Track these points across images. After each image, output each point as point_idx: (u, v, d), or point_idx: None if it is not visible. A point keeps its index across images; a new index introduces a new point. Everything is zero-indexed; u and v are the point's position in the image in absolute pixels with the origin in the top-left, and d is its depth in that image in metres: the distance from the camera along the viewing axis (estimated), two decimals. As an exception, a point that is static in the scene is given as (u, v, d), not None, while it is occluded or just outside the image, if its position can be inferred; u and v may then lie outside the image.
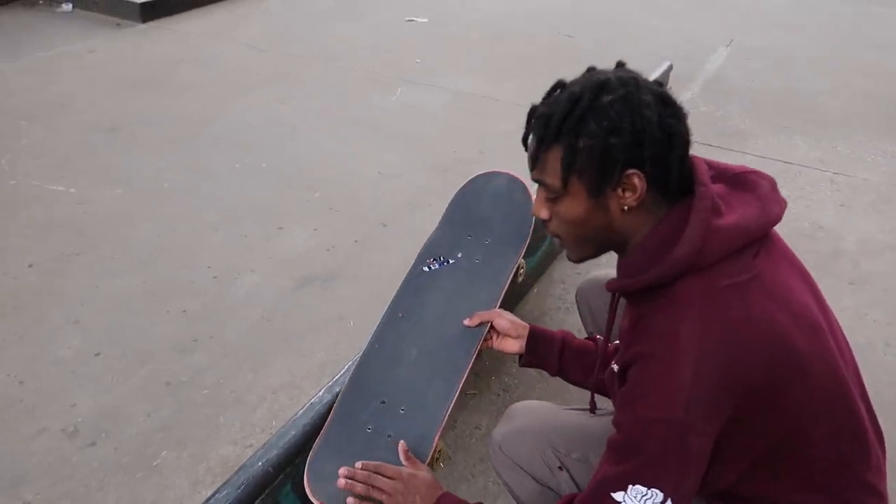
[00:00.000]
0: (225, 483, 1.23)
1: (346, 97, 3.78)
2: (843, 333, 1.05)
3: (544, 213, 1.00)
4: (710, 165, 1.00)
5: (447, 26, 5.05)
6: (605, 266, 1.30)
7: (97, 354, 1.97)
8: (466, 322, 1.44)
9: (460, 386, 1.36)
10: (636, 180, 0.91)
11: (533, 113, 0.98)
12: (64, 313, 2.12)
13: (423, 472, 1.18)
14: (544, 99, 0.99)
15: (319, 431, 1.33)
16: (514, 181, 1.72)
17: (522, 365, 1.43)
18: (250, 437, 1.72)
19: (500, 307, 1.49)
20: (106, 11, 4.92)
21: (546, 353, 1.36)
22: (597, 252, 1.03)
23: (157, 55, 4.28)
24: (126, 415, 1.78)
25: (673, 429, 0.85)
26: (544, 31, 5.00)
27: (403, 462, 1.22)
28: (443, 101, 3.77)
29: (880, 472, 1.05)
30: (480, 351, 1.43)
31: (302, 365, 1.96)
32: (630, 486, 0.86)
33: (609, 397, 1.25)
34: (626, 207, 0.94)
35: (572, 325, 2.10)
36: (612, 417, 0.96)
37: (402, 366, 1.42)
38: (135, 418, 1.77)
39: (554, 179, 0.94)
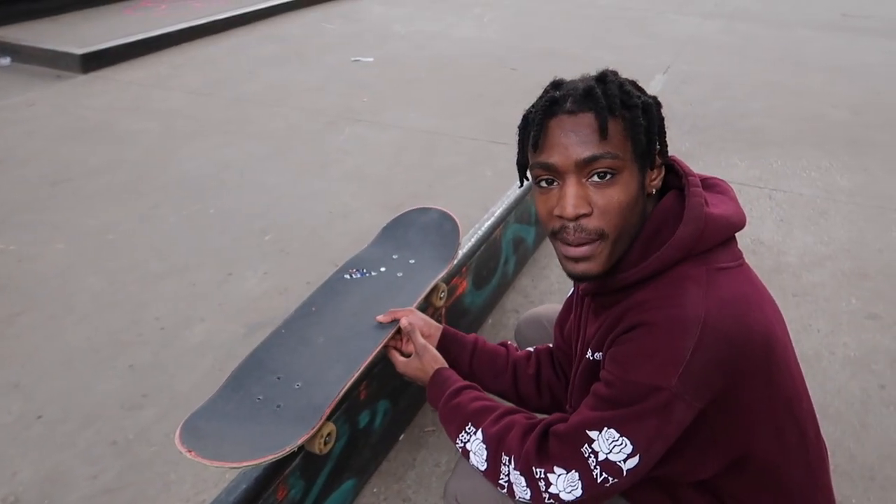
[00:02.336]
0: (173, 544, 1.18)
1: (293, 139, 3.78)
2: None
3: (584, 207, 0.90)
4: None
5: (393, 65, 5.12)
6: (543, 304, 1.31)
7: (39, 417, 1.89)
8: (380, 318, 1.43)
9: (361, 368, 1.34)
10: (659, 159, 0.96)
11: (568, 93, 0.92)
12: (3, 376, 2.04)
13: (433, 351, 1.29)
14: (549, 90, 0.96)
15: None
16: (445, 215, 1.82)
17: None
18: (203, 492, 1.66)
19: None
20: (45, 63, 4.85)
21: (458, 354, 1.36)
22: (622, 249, 0.95)
23: (100, 105, 4.22)
24: (70, 479, 1.71)
25: (662, 395, 0.85)
26: (490, 66, 5.10)
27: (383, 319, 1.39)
28: (391, 139, 3.80)
29: (829, 476, 1.08)
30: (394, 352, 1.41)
31: (256, 413, 1.91)
32: (605, 429, 0.89)
33: (518, 403, 1.27)
34: (653, 190, 0.97)
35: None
36: None
37: (306, 348, 1.42)
38: (80, 482, 1.70)
39: (622, 150, 0.90)
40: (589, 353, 1.03)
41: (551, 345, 1.36)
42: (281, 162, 3.49)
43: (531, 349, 1.39)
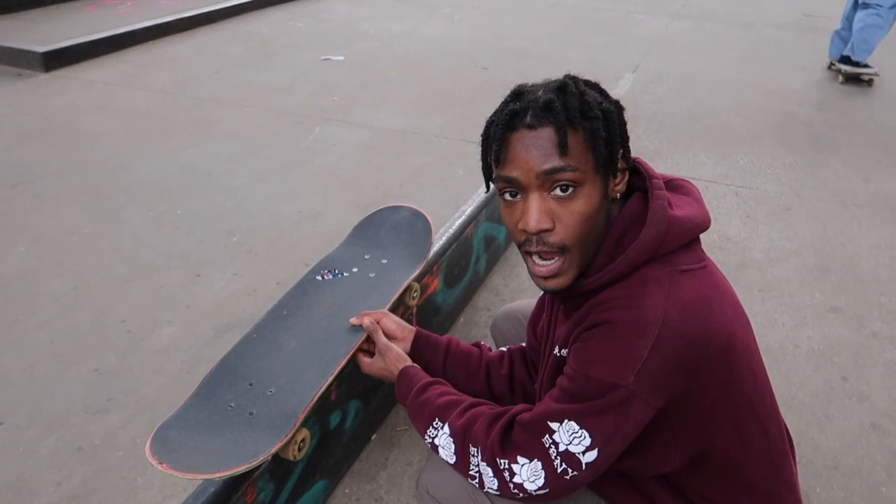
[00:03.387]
0: (139, 551, 1.16)
1: (261, 139, 3.74)
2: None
3: (546, 222, 0.91)
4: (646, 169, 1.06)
5: (364, 64, 5.10)
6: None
7: (1, 424, 1.84)
8: (352, 320, 1.42)
9: (335, 373, 1.33)
10: (622, 164, 0.96)
11: (528, 105, 0.92)
12: (-38, 383, 1.98)
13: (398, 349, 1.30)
14: (509, 101, 0.96)
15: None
16: (416, 213, 1.80)
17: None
18: (171, 497, 1.63)
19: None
20: (5, 62, 4.73)
21: (430, 355, 1.36)
22: (588, 258, 0.97)
23: (63, 105, 4.13)
24: (34, 487, 1.66)
25: (619, 393, 0.87)
26: (461, 66, 5.10)
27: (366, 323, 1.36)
28: (362, 138, 3.78)
29: (794, 472, 1.10)
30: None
31: (225, 416, 1.89)
32: (566, 421, 0.91)
33: (495, 401, 1.26)
34: (617, 195, 0.97)
35: (499, 352, 2.11)
36: None
37: (278, 354, 1.40)
38: (43, 490, 1.66)
39: (583, 163, 0.90)
40: (556, 350, 1.03)
41: (524, 344, 1.37)
42: (249, 163, 3.45)
43: (504, 349, 1.39)
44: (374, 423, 1.83)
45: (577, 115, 0.91)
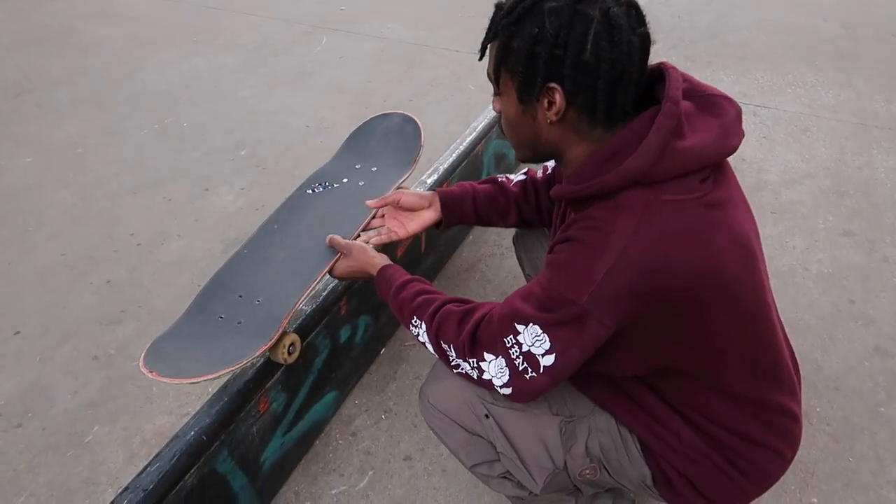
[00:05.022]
0: (157, 455, 1.19)
1: (267, 49, 3.63)
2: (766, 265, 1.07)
3: (496, 106, 1.02)
4: (686, 80, 0.98)
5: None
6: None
7: (17, 333, 1.88)
8: (369, 203, 1.43)
9: (318, 277, 1.35)
10: (557, 96, 0.90)
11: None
12: (-23, 292, 2.01)
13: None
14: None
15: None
16: (407, 119, 1.77)
17: (443, 229, 1.45)
18: (186, 405, 1.68)
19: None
20: (-1, -36, 4.54)
21: (461, 209, 1.41)
22: (534, 157, 1.04)
23: (60, 11, 4.00)
24: (52, 393, 1.72)
25: (574, 308, 0.90)
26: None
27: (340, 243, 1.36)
28: (371, 50, 3.66)
29: (795, 395, 1.10)
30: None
31: (236, 329, 1.92)
32: (531, 325, 0.94)
33: (528, 228, 1.41)
34: (549, 121, 0.94)
35: (509, 270, 2.12)
36: None
37: (267, 266, 1.42)
38: (62, 396, 1.71)
39: (490, 73, 0.98)
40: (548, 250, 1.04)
41: (539, 173, 1.43)
42: (254, 74, 3.36)
43: (523, 177, 1.44)
44: (383, 337, 1.86)
45: (496, 29, 0.94)
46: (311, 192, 1.60)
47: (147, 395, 1.72)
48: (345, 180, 1.62)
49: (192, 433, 1.22)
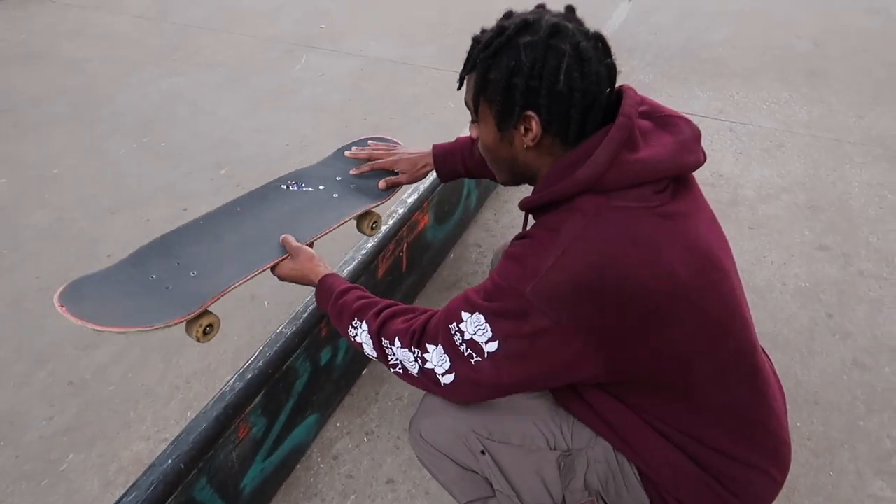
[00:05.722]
0: (134, 485, 1.17)
1: (247, 68, 3.62)
2: (740, 281, 1.08)
3: (474, 133, 1.08)
4: (646, 102, 1.05)
5: (351, -11, 4.90)
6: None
7: (-10, 358, 1.85)
8: (380, 185, 1.56)
9: (259, 270, 1.35)
10: (533, 123, 0.96)
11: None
12: (-51, 317, 1.97)
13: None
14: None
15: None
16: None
17: (443, 181, 1.60)
18: (164, 430, 1.66)
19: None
20: (-25, -17, 4.51)
21: (452, 164, 1.54)
22: (513, 180, 1.10)
23: (39, 29, 3.97)
24: (26, 420, 1.68)
25: (519, 301, 0.93)
26: (451, -9, 4.92)
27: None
28: (351, 68, 3.67)
29: (780, 418, 1.09)
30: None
31: (216, 350, 1.90)
32: (476, 314, 0.98)
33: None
34: (525, 146, 1.00)
35: (489, 288, 2.12)
36: (530, 395, 1.07)
37: (216, 244, 1.41)
38: (36, 422, 1.67)
39: (469, 102, 1.04)
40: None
41: None
42: (234, 92, 3.36)
43: None
44: (364, 358, 1.84)
45: (472, 62, 1.00)
46: (285, 187, 1.59)
47: (124, 420, 1.69)
48: (321, 187, 1.61)
49: (170, 461, 1.20)
